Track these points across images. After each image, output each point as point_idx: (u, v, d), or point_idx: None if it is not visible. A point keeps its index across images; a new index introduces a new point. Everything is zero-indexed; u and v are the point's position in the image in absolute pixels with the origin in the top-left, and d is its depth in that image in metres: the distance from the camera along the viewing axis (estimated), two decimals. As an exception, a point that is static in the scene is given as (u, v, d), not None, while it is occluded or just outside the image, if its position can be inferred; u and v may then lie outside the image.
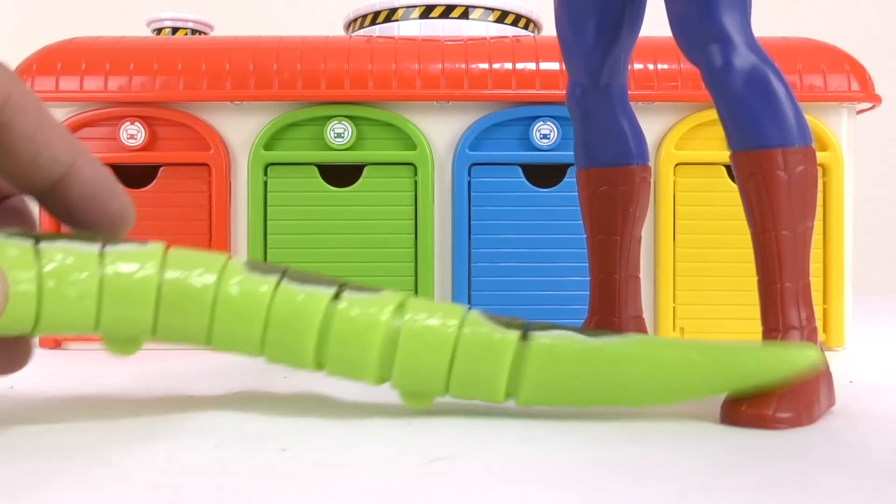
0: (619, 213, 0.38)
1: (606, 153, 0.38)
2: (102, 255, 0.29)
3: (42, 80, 0.50)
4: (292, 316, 0.30)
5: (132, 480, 0.23)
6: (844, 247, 0.51)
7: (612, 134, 0.38)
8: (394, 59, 0.51)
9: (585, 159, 0.39)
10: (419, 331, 0.30)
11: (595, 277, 0.39)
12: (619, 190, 0.38)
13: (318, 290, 0.30)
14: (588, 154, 0.39)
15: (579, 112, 0.38)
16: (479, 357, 0.30)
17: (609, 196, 0.38)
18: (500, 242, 0.51)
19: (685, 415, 0.32)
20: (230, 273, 0.30)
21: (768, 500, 0.22)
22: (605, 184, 0.38)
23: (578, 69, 0.37)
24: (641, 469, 0.24)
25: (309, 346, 0.30)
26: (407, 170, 0.51)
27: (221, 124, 0.51)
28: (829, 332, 0.51)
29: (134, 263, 0.29)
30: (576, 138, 0.39)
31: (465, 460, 0.25)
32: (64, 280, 0.28)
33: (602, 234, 0.39)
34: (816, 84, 0.51)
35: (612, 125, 0.38)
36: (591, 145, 0.38)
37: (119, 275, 0.28)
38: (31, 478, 0.24)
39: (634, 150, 0.38)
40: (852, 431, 0.29)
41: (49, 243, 0.28)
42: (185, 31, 0.58)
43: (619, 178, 0.38)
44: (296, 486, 0.23)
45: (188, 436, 0.28)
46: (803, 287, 0.32)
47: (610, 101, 0.38)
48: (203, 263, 0.30)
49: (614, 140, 0.38)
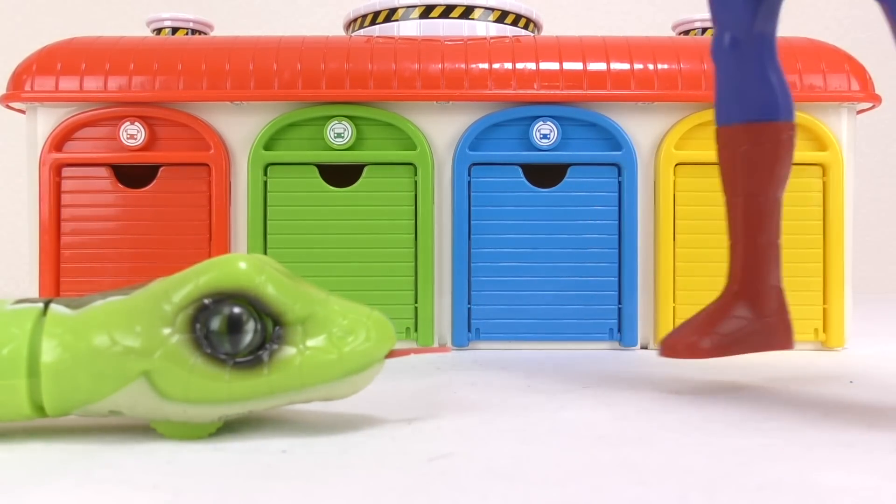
0: (763, 173, 0.36)
1: (752, 108, 0.36)
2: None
3: (42, 80, 0.50)
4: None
5: (133, 481, 0.23)
6: (844, 247, 0.51)
7: (759, 87, 0.36)
8: (394, 59, 0.51)
9: (729, 114, 0.37)
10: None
11: (737, 242, 0.37)
12: (765, 148, 0.36)
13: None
14: (732, 109, 0.37)
15: (726, 63, 0.37)
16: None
17: (753, 155, 0.36)
18: (500, 242, 0.51)
19: (685, 415, 0.32)
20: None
21: (768, 500, 0.22)
22: (747, 142, 0.37)
23: (730, 15, 0.36)
24: (641, 469, 0.24)
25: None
26: (407, 170, 0.51)
27: (221, 124, 0.51)
28: (829, 332, 0.51)
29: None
30: (719, 92, 0.37)
31: (465, 459, 0.25)
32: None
33: (745, 195, 0.37)
34: (816, 84, 0.51)
35: (761, 78, 0.36)
36: (736, 99, 0.37)
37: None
38: (31, 478, 0.24)
39: (782, 106, 0.36)
40: (852, 431, 0.29)
41: None
42: (184, 31, 0.58)
43: (764, 134, 0.36)
44: (296, 487, 0.23)
45: (188, 436, 0.28)
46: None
47: (760, 51, 0.36)
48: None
49: (761, 94, 0.36)
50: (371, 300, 0.50)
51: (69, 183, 0.51)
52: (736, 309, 0.37)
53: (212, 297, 0.27)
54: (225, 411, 0.27)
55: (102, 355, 0.27)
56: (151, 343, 0.27)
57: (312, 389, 0.28)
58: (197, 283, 0.27)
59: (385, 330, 0.29)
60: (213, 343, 0.27)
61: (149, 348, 0.27)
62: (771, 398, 0.36)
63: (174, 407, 0.27)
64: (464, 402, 0.34)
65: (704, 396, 0.36)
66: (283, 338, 0.28)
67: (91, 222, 0.51)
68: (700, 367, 0.44)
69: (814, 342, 0.51)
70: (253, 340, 0.27)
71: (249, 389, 0.27)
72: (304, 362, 0.28)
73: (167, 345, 0.27)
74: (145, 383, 0.27)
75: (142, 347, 0.27)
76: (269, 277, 0.28)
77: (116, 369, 0.27)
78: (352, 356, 0.28)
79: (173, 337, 0.27)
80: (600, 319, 0.51)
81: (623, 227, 0.51)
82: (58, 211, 0.51)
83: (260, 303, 0.27)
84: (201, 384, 0.27)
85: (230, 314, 0.27)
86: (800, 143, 0.51)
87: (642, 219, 0.51)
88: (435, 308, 0.51)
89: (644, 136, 0.51)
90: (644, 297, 0.52)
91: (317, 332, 0.28)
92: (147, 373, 0.27)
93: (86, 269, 0.51)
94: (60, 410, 0.28)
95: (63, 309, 0.28)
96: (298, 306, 0.28)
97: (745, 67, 0.36)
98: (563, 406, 0.34)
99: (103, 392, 0.27)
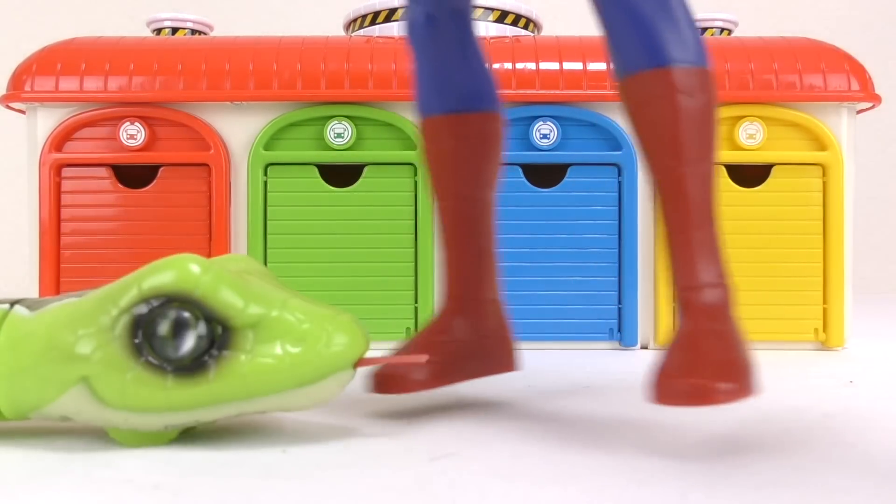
0: (469, 170, 0.32)
1: (453, 97, 0.32)
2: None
3: (42, 80, 0.50)
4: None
5: (134, 481, 0.23)
6: (844, 247, 0.51)
7: (461, 72, 0.32)
8: (394, 59, 0.51)
9: (429, 103, 0.33)
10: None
11: (450, 250, 0.33)
12: (470, 142, 0.32)
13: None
14: (432, 97, 0.32)
15: (421, 44, 0.32)
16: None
17: (457, 151, 0.32)
18: (499, 242, 0.51)
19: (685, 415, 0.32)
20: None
21: (768, 500, 0.22)
22: (451, 136, 0.32)
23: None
24: (641, 469, 0.24)
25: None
26: (407, 170, 0.51)
27: (221, 124, 0.51)
28: (829, 332, 0.51)
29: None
30: (419, 79, 0.33)
31: (465, 459, 0.25)
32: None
33: (454, 196, 0.32)
34: (816, 84, 0.51)
35: (462, 62, 0.32)
36: (437, 87, 0.32)
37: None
38: (31, 478, 0.24)
39: (486, 93, 0.32)
40: (852, 431, 0.29)
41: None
42: (184, 31, 0.58)
43: (468, 126, 0.32)
44: (296, 487, 0.23)
45: (188, 437, 0.28)
46: (713, 236, 0.27)
47: (458, 29, 0.32)
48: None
49: (464, 80, 0.32)
50: (371, 300, 0.50)
51: (69, 183, 0.51)
52: (454, 329, 0.33)
53: (155, 301, 0.26)
54: (169, 420, 0.26)
55: (44, 359, 0.26)
56: (91, 348, 0.26)
57: (261, 399, 0.26)
58: (140, 286, 0.26)
59: (353, 335, 0.26)
60: (156, 348, 0.26)
61: (88, 353, 0.26)
62: (771, 398, 0.36)
63: (116, 415, 0.26)
64: (464, 402, 0.34)
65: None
66: (229, 343, 0.26)
67: (91, 222, 0.51)
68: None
69: (814, 342, 0.51)
70: (198, 346, 0.25)
71: (192, 398, 0.26)
72: (252, 370, 0.25)
73: (106, 350, 0.26)
74: (85, 389, 0.26)
75: (80, 352, 0.26)
76: (216, 278, 0.26)
77: (57, 374, 0.26)
78: (306, 364, 0.26)
79: (113, 342, 0.26)
80: (600, 319, 0.51)
81: (623, 227, 0.51)
82: (58, 211, 0.51)
83: (204, 306, 0.26)
84: (140, 392, 0.26)
85: (172, 318, 0.25)
86: (800, 143, 0.51)
87: (642, 219, 0.51)
88: (435, 308, 0.51)
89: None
90: (644, 298, 0.52)
91: (270, 338, 0.26)
92: (86, 378, 0.26)
93: (86, 270, 0.51)
94: (16, 414, 0.27)
95: (23, 311, 0.27)
96: (251, 309, 0.26)
97: (442, 49, 0.32)
98: (563, 406, 0.34)
99: (48, 397, 0.26)
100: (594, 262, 0.51)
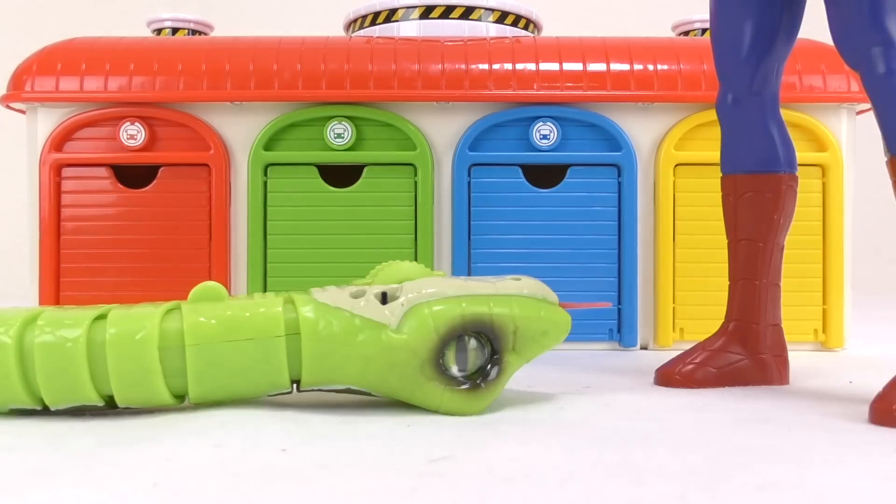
0: (763, 219, 0.38)
1: (754, 159, 0.38)
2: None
3: (42, 80, 0.50)
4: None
5: (133, 480, 0.23)
6: (844, 247, 0.51)
7: (760, 141, 0.38)
8: (394, 60, 0.51)
9: (732, 164, 0.39)
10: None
11: (736, 282, 0.39)
12: (765, 196, 0.38)
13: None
14: (735, 160, 0.39)
15: (729, 119, 0.39)
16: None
17: (754, 202, 0.38)
18: (499, 243, 0.51)
19: (685, 415, 0.32)
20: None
21: (768, 500, 0.22)
22: (750, 190, 0.39)
23: (731, 77, 0.38)
24: (641, 469, 0.24)
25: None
26: (407, 170, 0.51)
27: (221, 124, 0.51)
28: (829, 332, 0.51)
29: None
30: (724, 144, 0.40)
31: (465, 460, 0.25)
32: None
33: (745, 239, 0.39)
34: (816, 84, 0.51)
35: (762, 132, 0.38)
36: (738, 151, 0.39)
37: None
38: (31, 477, 0.24)
39: (783, 158, 0.38)
40: (852, 431, 0.29)
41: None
42: (184, 31, 0.58)
43: (765, 184, 0.38)
44: (296, 487, 0.23)
45: (188, 436, 0.28)
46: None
47: (761, 108, 0.38)
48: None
49: (762, 147, 0.38)
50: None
51: (69, 183, 0.51)
52: (730, 345, 0.39)
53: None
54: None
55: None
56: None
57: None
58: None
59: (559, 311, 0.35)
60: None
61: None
62: (771, 398, 0.36)
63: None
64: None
65: (704, 397, 0.36)
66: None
67: (91, 222, 0.51)
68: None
69: (813, 342, 0.51)
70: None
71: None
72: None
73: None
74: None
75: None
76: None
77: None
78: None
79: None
80: (600, 320, 0.51)
81: (623, 228, 0.51)
82: (58, 211, 0.51)
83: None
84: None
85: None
86: (800, 143, 0.51)
87: (642, 219, 0.52)
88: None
89: (644, 136, 0.51)
90: (644, 298, 0.52)
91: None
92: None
93: (86, 270, 0.51)
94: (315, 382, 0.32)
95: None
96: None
97: (746, 123, 0.38)
98: (563, 406, 0.34)
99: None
100: (594, 262, 0.51)
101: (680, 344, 0.51)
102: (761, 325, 0.39)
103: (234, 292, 0.51)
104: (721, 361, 0.39)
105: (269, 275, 0.51)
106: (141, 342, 0.30)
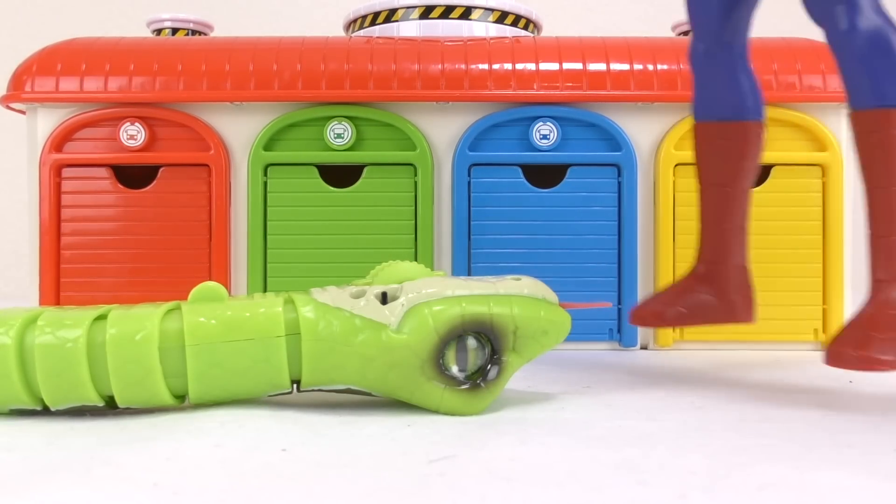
0: (732, 165, 0.40)
1: (723, 108, 0.40)
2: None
3: (42, 80, 0.50)
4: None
5: (133, 479, 0.23)
6: (844, 247, 0.51)
7: (730, 90, 0.40)
8: (394, 60, 0.51)
9: (703, 112, 0.41)
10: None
11: (706, 225, 0.41)
12: (734, 143, 0.40)
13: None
14: (706, 108, 0.40)
15: (700, 69, 0.40)
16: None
17: (724, 149, 0.40)
18: (499, 243, 0.51)
19: (685, 415, 0.32)
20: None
21: (768, 500, 0.22)
22: (720, 137, 0.40)
23: (702, 27, 0.40)
24: (641, 469, 0.24)
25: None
26: (407, 170, 0.51)
27: (221, 125, 0.51)
28: (829, 331, 0.51)
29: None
30: (695, 92, 0.41)
31: (465, 460, 0.25)
32: None
33: (715, 184, 0.40)
34: (816, 84, 0.51)
35: (732, 81, 0.39)
36: (709, 100, 0.40)
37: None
38: (31, 477, 0.24)
39: (751, 106, 0.40)
40: (852, 431, 0.29)
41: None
42: (184, 31, 0.58)
43: (734, 132, 0.40)
44: (296, 487, 0.23)
45: (189, 435, 0.28)
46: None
47: (731, 58, 0.39)
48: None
49: (732, 96, 0.40)
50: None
51: (69, 183, 0.51)
52: (700, 286, 0.41)
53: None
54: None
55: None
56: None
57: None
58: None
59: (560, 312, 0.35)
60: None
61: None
62: (771, 398, 0.36)
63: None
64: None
65: (704, 397, 0.36)
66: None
67: (91, 223, 0.51)
68: (701, 366, 0.44)
69: (814, 342, 0.51)
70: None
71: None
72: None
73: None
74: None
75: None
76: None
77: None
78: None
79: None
80: (600, 319, 0.51)
81: (623, 228, 0.51)
82: (58, 211, 0.51)
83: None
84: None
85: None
86: (800, 143, 0.51)
87: (642, 219, 0.52)
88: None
89: (644, 136, 0.51)
90: (644, 298, 0.52)
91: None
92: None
93: (86, 270, 0.51)
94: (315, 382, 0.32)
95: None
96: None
97: (717, 73, 0.40)
98: (563, 406, 0.34)
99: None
100: (594, 262, 0.51)
101: (680, 344, 0.51)
102: (729, 266, 0.40)
103: (234, 292, 0.51)
104: (691, 301, 0.40)
105: (269, 275, 0.51)
106: (141, 342, 0.30)
